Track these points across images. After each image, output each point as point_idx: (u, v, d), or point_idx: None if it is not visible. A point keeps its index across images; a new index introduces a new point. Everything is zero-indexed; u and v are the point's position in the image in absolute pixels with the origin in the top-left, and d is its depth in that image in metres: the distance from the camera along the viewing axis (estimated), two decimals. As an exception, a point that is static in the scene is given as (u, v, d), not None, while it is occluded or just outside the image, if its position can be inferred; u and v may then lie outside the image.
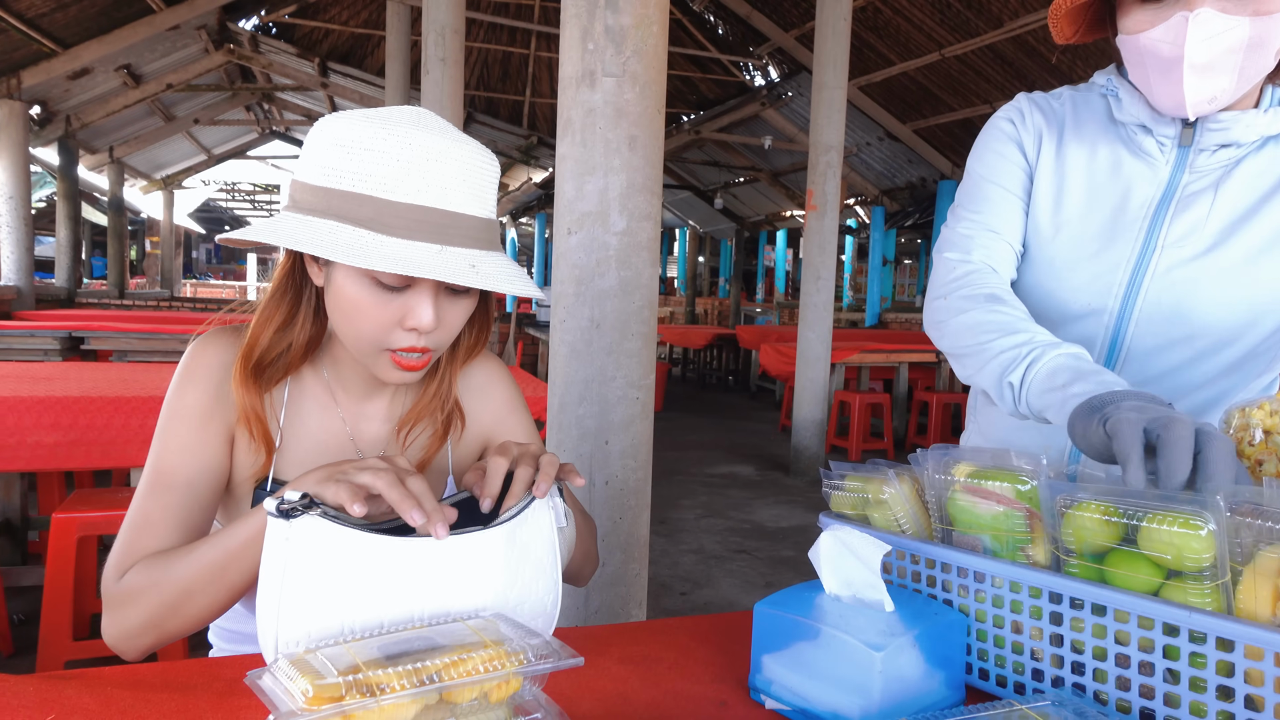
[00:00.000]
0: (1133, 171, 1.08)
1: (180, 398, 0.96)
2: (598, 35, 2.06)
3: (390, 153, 0.82)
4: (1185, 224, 1.04)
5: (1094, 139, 1.11)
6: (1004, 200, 1.14)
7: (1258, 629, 0.64)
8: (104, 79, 9.65)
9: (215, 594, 0.84)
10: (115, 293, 12.00)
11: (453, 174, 0.85)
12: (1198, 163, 1.04)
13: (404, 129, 0.83)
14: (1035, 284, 1.15)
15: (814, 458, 6.27)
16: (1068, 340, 1.04)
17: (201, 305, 10.66)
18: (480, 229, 0.88)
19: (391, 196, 0.82)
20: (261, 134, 16.56)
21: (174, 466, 0.94)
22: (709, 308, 18.11)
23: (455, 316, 0.92)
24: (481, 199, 0.88)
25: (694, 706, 0.83)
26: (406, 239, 0.82)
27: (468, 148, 0.87)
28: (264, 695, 0.63)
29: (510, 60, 12.02)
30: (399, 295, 0.87)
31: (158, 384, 2.90)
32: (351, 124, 0.84)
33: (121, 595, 0.88)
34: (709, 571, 4.17)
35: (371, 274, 0.86)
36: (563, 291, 2.18)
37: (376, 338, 0.89)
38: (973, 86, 9.06)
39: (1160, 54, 0.94)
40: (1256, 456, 0.80)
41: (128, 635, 0.87)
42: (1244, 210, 1.02)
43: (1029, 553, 0.82)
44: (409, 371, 0.92)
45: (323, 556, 0.74)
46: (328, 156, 0.84)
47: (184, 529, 0.93)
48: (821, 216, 6.09)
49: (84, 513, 2.39)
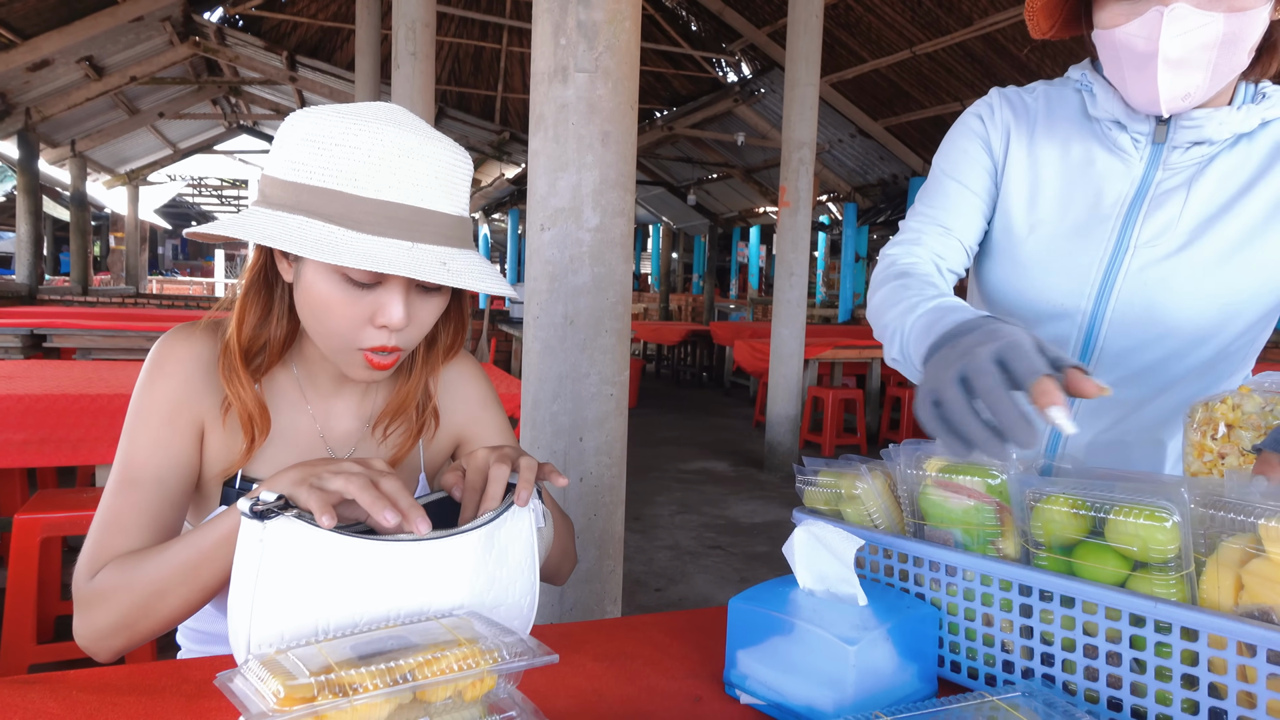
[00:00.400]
0: (1106, 168, 1.07)
1: (148, 393, 0.95)
2: (570, 30, 2.05)
3: (362, 148, 0.82)
4: (1158, 223, 1.04)
5: (1067, 135, 1.10)
6: (960, 196, 1.13)
7: (1221, 618, 0.65)
8: (65, 71, 9.46)
9: (188, 594, 0.83)
10: (79, 289, 11.79)
11: (425, 170, 0.84)
12: (1171, 159, 1.04)
13: (376, 125, 0.83)
14: (1007, 284, 1.14)
15: (788, 453, 6.30)
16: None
17: (168, 303, 10.49)
18: (452, 226, 0.87)
19: (362, 192, 0.82)
20: (229, 128, 16.33)
21: (143, 463, 0.93)
22: (683, 304, 18.14)
23: (427, 314, 0.91)
24: (454, 196, 0.87)
25: (669, 702, 0.83)
26: (377, 235, 0.81)
27: (440, 145, 0.86)
28: (234, 697, 0.62)
29: (482, 55, 11.95)
30: (369, 292, 0.86)
31: (123, 382, 2.85)
32: (323, 119, 0.83)
33: (92, 596, 0.86)
34: (683, 567, 4.18)
35: (342, 271, 0.85)
36: (536, 288, 2.18)
37: (346, 335, 0.88)
38: (943, 84, 9.15)
39: (1135, 49, 0.94)
40: (1219, 450, 0.82)
41: (99, 636, 0.86)
42: (1216, 208, 1.02)
43: (999, 546, 0.83)
44: (378, 370, 0.91)
45: (297, 559, 0.73)
46: (298, 152, 0.84)
47: (155, 527, 0.92)
48: (794, 213, 6.12)
49: (47, 514, 2.35)
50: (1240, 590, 0.67)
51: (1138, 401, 1.10)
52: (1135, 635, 0.71)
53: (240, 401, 0.95)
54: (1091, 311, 1.07)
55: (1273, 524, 0.64)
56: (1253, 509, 0.67)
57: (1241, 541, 0.67)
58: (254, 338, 0.96)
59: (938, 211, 1.14)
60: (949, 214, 1.13)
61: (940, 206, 1.14)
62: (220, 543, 0.80)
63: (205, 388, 0.96)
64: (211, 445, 0.98)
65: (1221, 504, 0.69)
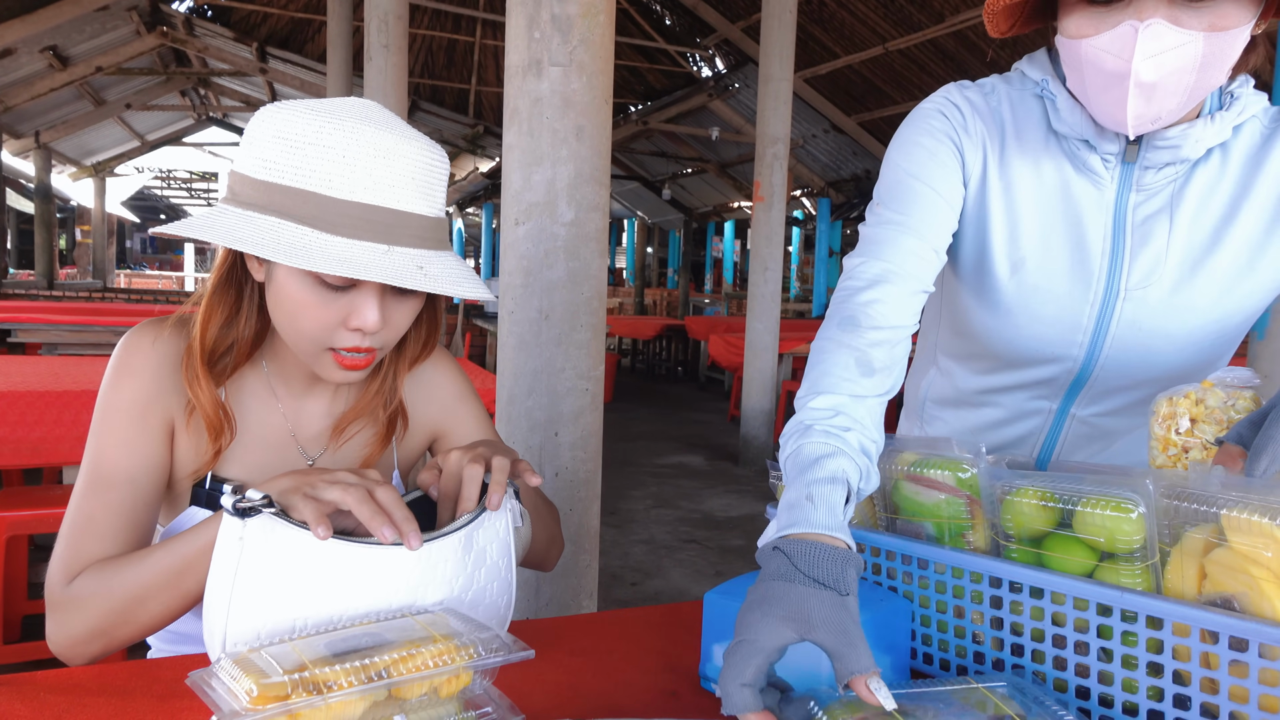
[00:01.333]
0: (1080, 192, 0.98)
1: (116, 392, 0.93)
2: (544, 24, 2.04)
3: (336, 148, 0.80)
4: (1146, 261, 0.96)
5: (1036, 153, 0.99)
6: (931, 200, 0.99)
7: (1184, 607, 0.67)
8: (28, 60, 9.27)
9: (169, 601, 0.82)
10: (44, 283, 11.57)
11: (401, 171, 0.82)
12: (1144, 180, 0.95)
13: (350, 123, 0.80)
14: (990, 329, 1.05)
15: (763, 447, 6.33)
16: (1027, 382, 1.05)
17: (136, 297, 10.32)
18: (429, 228, 0.85)
19: (336, 194, 0.80)
20: (198, 120, 16.09)
21: (114, 463, 0.91)
22: (658, 298, 18.15)
23: (401, 316, 0.90)
24: (430, 197, 0.85)
25: (645, 696, 0.84)
26: (352, 238, 0.80)
27: (417, 144, 0.84)
28: (206, 696, 0.62)
29: (455, 48, 11.86)
30: (343, 295, 0.84)
31: (91, 378, 2.80)
32: (295, 116, 0.81)
33: (68, 602, 0.84)
34: (659, 561, 4.20)
35: (315, 273, 0.83)
36: (510, 283, 2.17)
37: (319, 337, 0.87)
38: (915, 80, 9.22)
39: (1104, 66, 0.84)
40: (1183, 444, 0.83)
41: (75, 642, 0.84)
42: (1205, 237, 0.95)
43: (970, 539, 0.84)
44: (352, 370, 0.89)
45: (276, 558, 0.72)
46: (269, 150, 0.81)
47: (129, 527, 0.90)
48: (769, 208, 6.14)
49: (13, 512, 2.31)
50: (1204, 579, 0.68)
51: (1126, 429, 1.10)
52: (1102, 625, 0.72)
53: (202, 406, 0.93)
54: (1084, 358, 1.02)
55: (1234, 514, 0.66)
56: (1215, 500, 0.68)
57: (1204, 532, 0.69)
58: (220, 339, 0.94)
59: (908, 218, 0.98)
60: (921, 220, 0.98)
61: (909, 212, 0.98)
62: (205, 550, 0.78)
63: (173, 386, 0.94)
64: (181, 445, 0.96)
65: (1185, 495, 0.71)
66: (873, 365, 0.89)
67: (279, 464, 0.99)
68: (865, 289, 0.94)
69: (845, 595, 0.67)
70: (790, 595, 0.68)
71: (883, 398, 0.88)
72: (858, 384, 0.87)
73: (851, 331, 0.91)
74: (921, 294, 0.96)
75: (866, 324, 0.91)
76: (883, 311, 0.92)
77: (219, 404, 0.94)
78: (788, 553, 0.71)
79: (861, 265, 0.97)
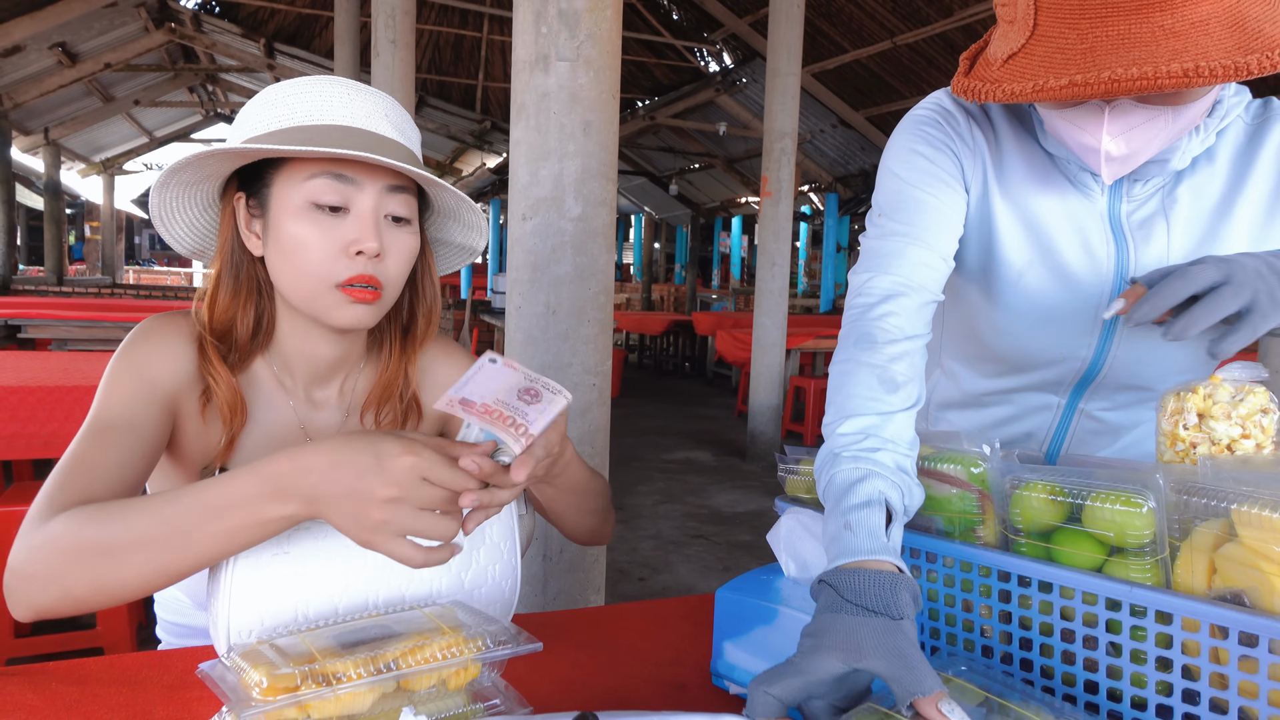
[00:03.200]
0: (1076, 200, 0.99)
1: (128, 356, 0.92)
2: (551, 19, 2.04)
3: (311, 92, 0.89)
4: (1151, 258, 0.97)
5: (1031, 157, 1.00)
6: (935, 209, 0.98)
7: (1194, 602, 0.67)
8: (37, 57, 9.31)
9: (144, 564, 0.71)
10: (53, 279, 11.63)
11: (374, 106, 0.91)
12: (1133, 191, 0.97)
13: (320, 80, 0.91)
14: (1003, 331, 1.05)
15: (770, 442, 6.33)
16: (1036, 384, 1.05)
17: (145, 293, 10.36)
18: (409, 157, 0.92)
19: (320, 121, 0.88)
20: (206, 116, 16.14)
21: (117, 411, 0.88)
22: (665, 294, 18.14)
23: (400, 246, 0.92)
24: (405, 134, 0.94)
25: (653, 689, 0.84)
26: (338, 148, 0.85)
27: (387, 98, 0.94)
28: (217, 687, 0.62)
29: (463, 43, 11.86)
30: (339, 221, 0.88)
31: (99, 373, 2.81)
32: (269, 89, 0.92)
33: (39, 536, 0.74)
34: (666, 557, 4.20)
35: (311, 198, 0.87)
36: (518, 278, 2.17)
37: (324, 270, 0.88)
38: (924, 75, 9.18)
39: (1076, 139, 0.86)
40: (1191, 439, 0.83)
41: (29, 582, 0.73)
42: (1204, 234, 0.97)
43: (980, 533, 0.84)
44: (361, 305, 0.90)
45: (273, 543, 0.73)
46: (252, 117, 0.90)
47: (120, 468, 0.84)
48: (776, 203, 6.13)
49: (24, 505, 2.32)
50: (1213, 574, 0.68)
51: (1134, 423, 1.10)
52: (1111, 619, 0.72)
53: (218, 387, 0.93)
54: (1093, 356, 1.02)
55: (1245, 509, 0.66)
56: (1226, 494, 0.68)
57: (1215, 526, 0.68)
58: (231, 319, 0.95)
59: (912, 228, 0.97)
60: (926, 229, 0.97)
61: (914, 222, 0.97)
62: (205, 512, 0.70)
63: (186, 371, 0.94)
64: (189, 434, 0.96)
65: (1195, 490, 0.70)
66: (896, 381, 0.88)
67: None
68: (878, 304, 0.93)
69: (898, 619, 0.67)
70: (839, 625, 0.68)
71: (911, 410, 0.88)
72: (884, 401, 0.87)
73: (869, 349, 0.91)
74: (933, 303, 0.96)
75: (884, 339, 0.91)
76: (899, 324, 0.92)
77: (233, 384, 0.94)
78: (834, 584, 0.71)
79: (870, 280, 0.96)
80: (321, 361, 1.00)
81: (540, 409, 0.72)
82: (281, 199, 0.88)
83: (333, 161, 0.87)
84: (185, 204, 0.95)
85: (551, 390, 0.73)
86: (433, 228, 1.06)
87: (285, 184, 0.88)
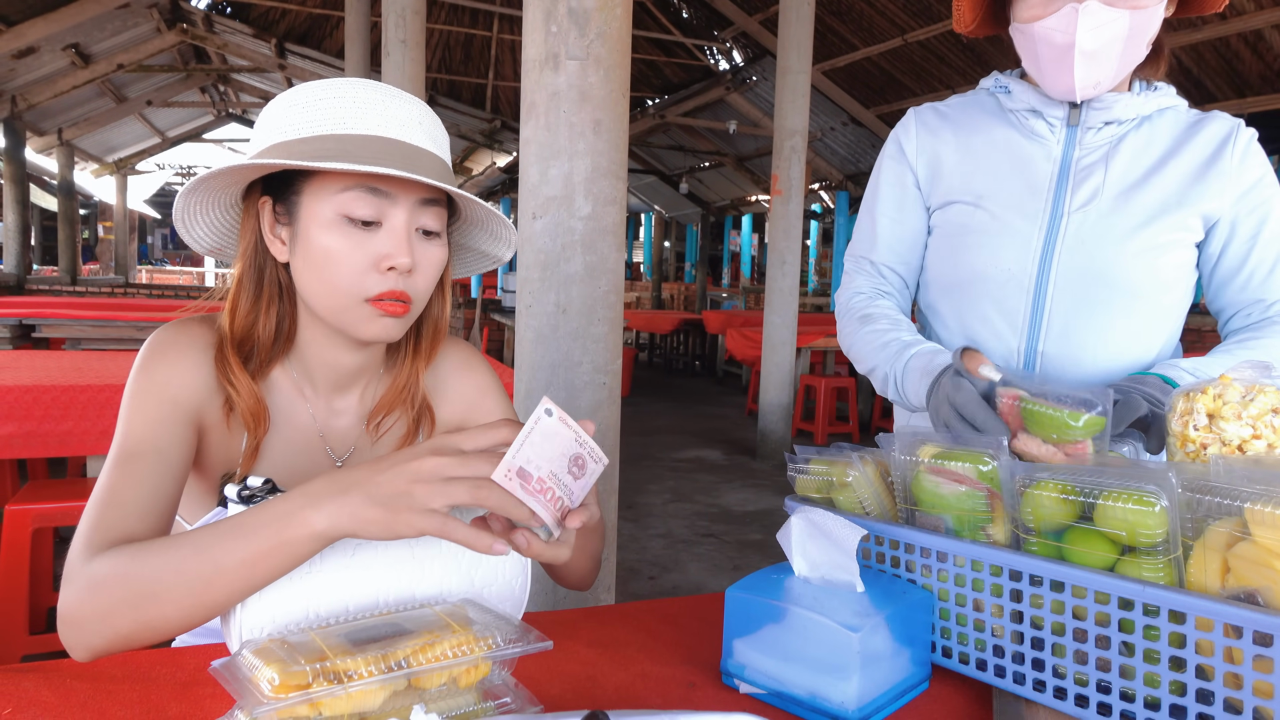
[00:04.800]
0: (1029, 151, 1.22)
1: (148, 374, 0.91)
2: (561, 18, 2.04)
3: (345, 96, 0.86)
4: (1085, 192, 1.17)
5: (989, 127, 1.25)
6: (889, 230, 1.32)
7: (1208, 601, 0.66)
8: (51, 58, 9.37)
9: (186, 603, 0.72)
10: (67, 279, 11.71)
11: (410, 114, 0.89)
12: (1085, 139, 1.19)
13: (352, 82, 0.88)
14: (961, 254, 1.25)
15: (780, 441, 6.32)
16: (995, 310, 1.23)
17: (158, 292, 10.42)
18: (443, 169, 0.90)
19: (354, 131, 0.85)
20: (217, 116, 16.21)
21: (142, 436, 0.87)
22: (675, 293, 18.13)
23: (430, 261, 0.91)
24: (438, 144, 0.92)
25: (663, 688, 0.84)
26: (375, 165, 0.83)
27: (420, 104, 0.91)
28: (229, 684, 0.63)
29: (472, 42, 11.87)
30: (371, 235, 0.87)
31: (113, 372, 2.83)
32: (300, 89, 0.88)
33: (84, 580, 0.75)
34: (677, 556, 4.20)
35: (343, 211, 0.85)
36: (528, 276, 2.17)
37: (354, 286, 0.87)
38: (935, 71, 9.14)
39: (1053, 41, 1.08)
40: (1201, 440, 0.82)
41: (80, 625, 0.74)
42: (1135, 178, 1.17)
43: (989, 532, 0.83)
44: (391, 319, 0.89)
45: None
46: (281, 120, 0.87)
47: (153, 498, 0.85)
48: (786, 201, 6.12)
49: (39, 504, 2.34)
50: (1227, 573, 0.68)
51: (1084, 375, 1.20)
52: (1124, 619, 0.72)
53: (239, 395, 0.92)
54: (1037, 275, 1.19)
55: (1259, 508, 0.65)
56: (1239, 493, 0.68)
57: (1228, 525, 0.68)
58: (248, 327, 0.94)
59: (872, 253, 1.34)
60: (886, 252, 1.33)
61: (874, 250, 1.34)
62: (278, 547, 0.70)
63: (205, 383, 0.93)
64: (213, 443, 0.95)
65: (1209, 489, 0.70)
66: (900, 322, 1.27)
67: (307, 464, 0.99)
68: (868, 303, 1.32)
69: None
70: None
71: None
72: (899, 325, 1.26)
73: (871, 322, 1.28)
74: (908, 293, 1.36)
75: (879, 314, 1.29)
76: (888, 306, 1.31)
77: (254, 390, 0.93)
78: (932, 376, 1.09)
79: (855, 297, 1.34)
80: (343, 370, 0.99)
81: (583, 485, 0.72)
82: (312, 209, 0.87)
83: (368, 175, 0.85)
84: (208, 207, 0.94)
85: (595, 459, 0.73)
86: (459, 233, 1.05)
87: (317, 194, 0.87)
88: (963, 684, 0.87)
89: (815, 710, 0.77)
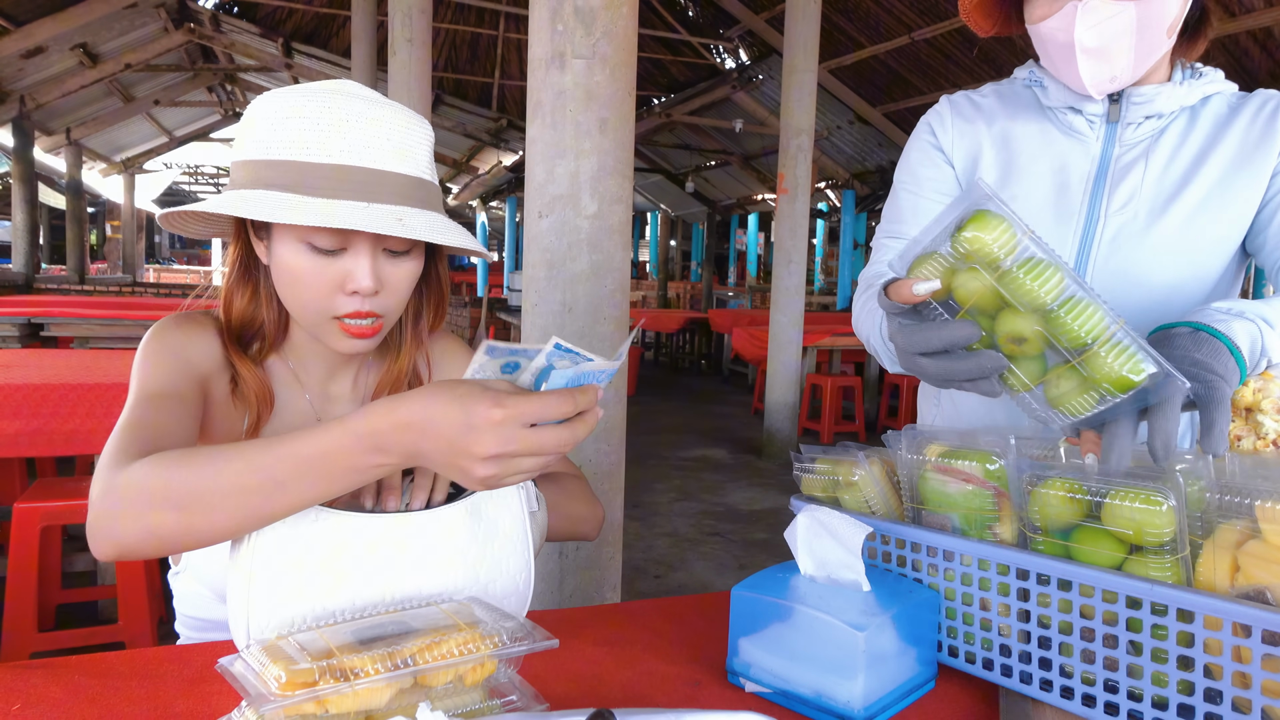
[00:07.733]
0: (1067, 149, 1.15)
1: (160, 340, 0.94)
2: (567, 16, 2.04)
3: (310, 117, 0.85)
4: (1124, 193, 1.12)
5: (1025, 122, 1.19)
6: (920, 206, 1.23)
7: (1216, 600, 0.66)
8: (59, 58, 9.41)
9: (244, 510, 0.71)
10: (75, 278, 11.76)
11: (375, 134, 0.86)
12: (1125, 136, 1.13)
13: (324, 95, 0.86)
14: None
15: (786, 440, 6.31)
16: None
17: (165, 291, 10.46)
18: (410, 187, 0.88)
19: (314, 159, 0.84)
20: (224, 116, 16.25)
21: (162, 383, 0.89)
22: (681, 291, 18.11)
23: (399, 278, 0.91)
24: (408, 158, 0.89)
25: (669, 686, 0.84)
26: (332, 198, 0.83)
27: (391, 110, 0.88)
28: (236, 681, 0.63)
29: (479, 41, 11.88)
30: (336, 260, 0.87)
31: (121, 370, 2.84)
32: (278, 96, 0.88)
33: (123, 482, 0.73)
34: (682, 554, 4.20)
35: (306, 239, 0.86)
36: (534, 275, 2.17)
37: (320, 305, 0.89)
38: (942, 70, 9.11)
39: (1057, 40, 1.04)
40: (1236, 433, 0.82)
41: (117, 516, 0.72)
42: (1177, 176, 1.10)
43: (997, 530, 0.83)
44: (360, 339, 0.91)
45: (290, 535, 0.73)
46: (257, 130, 0.87)
47: (181, 429, 0.85)
48: (793, 200, 6.11)
49: (47, 502, 2.35)
50: (1236, 572, 0.67)
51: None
52: (1132, 618, 0.71)
53: (244, 376, 0.96)
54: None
55: (1269, 505, 0.65)
56: (1249, 491, 0.67)
57: (1238, 523, 0.68)
58: (248, 319, 0.97)
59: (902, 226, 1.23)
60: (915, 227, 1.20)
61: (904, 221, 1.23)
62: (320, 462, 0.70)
63: (215, 358, 0.97)
64: (215, 417, 0.98)
65: (1219, 487, 0.69)
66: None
67: None
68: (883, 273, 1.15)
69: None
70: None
71: None
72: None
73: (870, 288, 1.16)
74: None
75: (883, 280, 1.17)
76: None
77: (261, 376, 0.97)
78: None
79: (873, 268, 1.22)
80: (336, 358, 1.02)
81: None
82: (280, 230, 0.88)
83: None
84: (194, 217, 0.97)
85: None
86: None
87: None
88: (969, 683, 0.87)
89: (821, 709, 0.77)
